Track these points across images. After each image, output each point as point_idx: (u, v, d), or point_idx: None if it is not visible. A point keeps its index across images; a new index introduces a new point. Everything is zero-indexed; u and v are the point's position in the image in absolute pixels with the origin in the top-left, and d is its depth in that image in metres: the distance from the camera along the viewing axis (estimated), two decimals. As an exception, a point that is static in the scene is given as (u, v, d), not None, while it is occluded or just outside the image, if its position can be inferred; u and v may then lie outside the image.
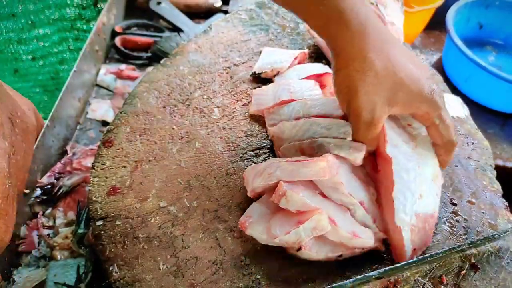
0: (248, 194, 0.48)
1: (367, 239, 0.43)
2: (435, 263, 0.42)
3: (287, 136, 0.51)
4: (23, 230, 0.64)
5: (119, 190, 0.50)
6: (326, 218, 0.40)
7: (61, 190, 0.67)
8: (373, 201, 0.46)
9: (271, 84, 0.61)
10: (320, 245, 0.42)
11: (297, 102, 0.55)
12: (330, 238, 0.42)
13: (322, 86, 0.61)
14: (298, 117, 0.53)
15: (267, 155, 0.55)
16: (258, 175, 0.46)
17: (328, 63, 0.67)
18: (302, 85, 0.58)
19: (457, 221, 0.49)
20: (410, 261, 0.42)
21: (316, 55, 0.70)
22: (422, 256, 0.43)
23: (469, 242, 0.44)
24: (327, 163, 0.42)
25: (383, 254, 0.46)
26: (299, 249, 0.42)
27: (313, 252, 0.42)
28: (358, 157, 0.45)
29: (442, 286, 0.43)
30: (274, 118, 0.56)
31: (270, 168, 0.45)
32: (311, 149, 0.48)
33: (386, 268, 0.41)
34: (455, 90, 0.93)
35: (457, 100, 0.65)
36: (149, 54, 0.99)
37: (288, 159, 0.46)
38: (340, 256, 0.44)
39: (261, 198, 0.46)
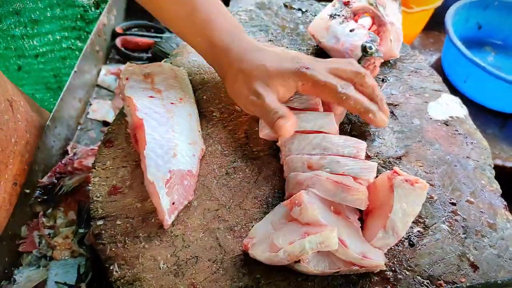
0: (285, 198, 0.50)
1: (377, 260, 0.42)
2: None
3: (296, 147, 0.51)
4: (23, 230, 0.64)
5: (119, 190, 0.50)
6: (336, 237, 0.40)
7: (62, 190, 0.68)
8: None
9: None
10: (319, 259, 0.42)
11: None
12: (341, 257, 0.42)
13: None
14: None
15: (267, 156, 0.55)
16: (299, 184, 0.47)
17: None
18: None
19: (456, 220, 0.50)
20: None
21: (316, 56, 0.70)
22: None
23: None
24: (365, 195, 0.44)
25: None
26: (297, 261, 0.41)
27: (311, 265, 0.42)
28: (370, 177, 0.47)
29: (442, 285, 0.44)
30: None
31: (310, 181, 0.46)
32: (320, 165, 0.48)
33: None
34: (454, 90, 0.94)
35: (456, 100, 0.65)
36: (149, 55, 1.00)
37: (330, 176, 0.46)
38: (337, 272, 0.43)
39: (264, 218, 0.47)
